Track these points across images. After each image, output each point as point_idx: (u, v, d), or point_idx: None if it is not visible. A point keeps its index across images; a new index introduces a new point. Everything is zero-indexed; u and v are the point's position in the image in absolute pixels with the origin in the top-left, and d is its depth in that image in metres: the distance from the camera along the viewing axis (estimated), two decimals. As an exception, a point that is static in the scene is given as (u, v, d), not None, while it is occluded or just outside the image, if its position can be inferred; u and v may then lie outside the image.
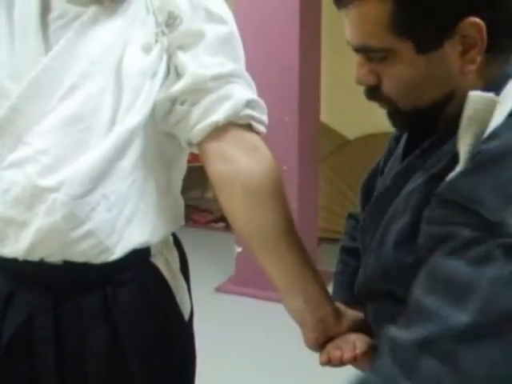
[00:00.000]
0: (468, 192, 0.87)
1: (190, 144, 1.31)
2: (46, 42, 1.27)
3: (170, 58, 1.29)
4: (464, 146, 0.93)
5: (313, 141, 4.09)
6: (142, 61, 1.27)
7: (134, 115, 1.26)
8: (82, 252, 1.26)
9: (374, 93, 1.08)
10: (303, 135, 3.90)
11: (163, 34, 1.29)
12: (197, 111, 1.26)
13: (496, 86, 0.99)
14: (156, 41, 1.28)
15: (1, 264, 1.32)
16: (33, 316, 1.30)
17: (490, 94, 0.93)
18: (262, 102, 1.31)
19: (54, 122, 1.24)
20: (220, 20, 1.32)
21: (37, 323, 1.30)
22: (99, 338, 1.31)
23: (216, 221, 5.49)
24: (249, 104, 1.28)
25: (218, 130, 1.26)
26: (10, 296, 1.32)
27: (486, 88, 0.98)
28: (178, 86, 1.27)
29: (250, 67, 1.35)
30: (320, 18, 4.02)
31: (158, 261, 1.38)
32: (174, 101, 1.28)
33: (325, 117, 4.58)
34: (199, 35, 1.28)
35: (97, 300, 1.31)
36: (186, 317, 1.44)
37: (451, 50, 1.00)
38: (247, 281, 3.97)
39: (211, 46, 1.29)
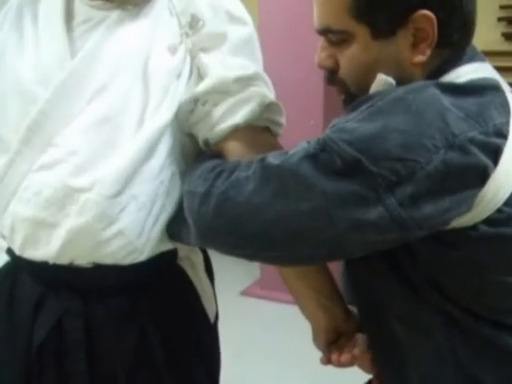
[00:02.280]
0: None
1: (206, 144, 1.31)
2: (72, 46, 1.28)
3: (192, 59, 1.30)
4: None
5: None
6: (169, 61, 1.28)
7: (163, 114, 1.26)
8: (112, 253, 1.26)
9: (332, 77, 1.16)
10: (328, 139, 3.89)
11: (187, 35, 1.30)
12: (217, 112, 1.27)
13: (435, 75, 1.08)
14: (180, 42, 1.30)
15: (31, 268, 1.32)
16: (62, 319, 1.30)
17: (390, 78, 1.06)
18: (280, 105, 1.32)
19: (83, 124, 1.24)
20: (241, 21, 1.34)
21: (67, 326, 1.30)
22: (128, 341, 1.32)
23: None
24: (268, 107, 1.29)
25: (237, 131, 1.27)
26: (39, 300, 1.32)
27: (425, 77, 1.08)
28: (202, 87, 1.27)
29: (275, 71, 1.35)
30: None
31: (185, 264, 1.39)
32: (196, 101, 1.28)
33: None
34: (222, 37, 1.30)
35: (125, 302, 1.31)
36: (212, 319, 1.45)
37: (403, 39, 1.06)
38: (273, 284, 3.97)
39: (233, 48, 1.31)
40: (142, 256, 1.29)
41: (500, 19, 4.11)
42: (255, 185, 1.05)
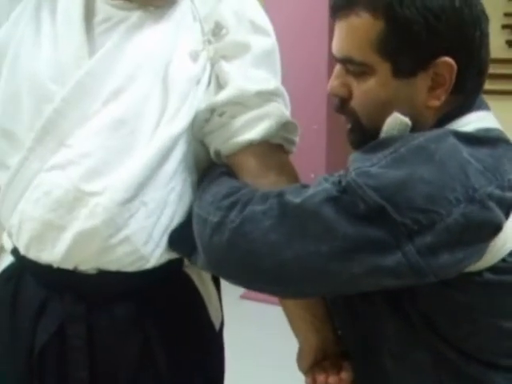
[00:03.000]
0: (351, 158, 1.09)
1: (217, 155, 1.29)
2: (91, 45, 1.25)
3: (212, 66, 1.29)
4: None
5: (341, 148, 4.08)
6: (190, 68, 1.26)
7: (180, 121, 1.24)
8: (117, 259, 1.25)
9: (342, 105, 1.16)
10: (331, 143, 3.90)
11: (209, 42, 1.28)
12: (234, 126, 1.26)
13: (445, 120, 1.11)
14: (203, 49, 1.28)
15: (35, 270, 1.30)
16: (65, 324, 1.28)
17: (406, 119, 1.08)
18: (296, 124, 1.32)
19: (97, 126, 1.22)
20: (265, 32, 1.32)
21: (69, 331, 1.28)
22: (131, 348, 1.30)
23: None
24: (285, 126, 1.28)
25: (251, 147, 1.26)
26: (42, 304, 1.30)
27: (436, 121, 1.11)
28: (222, 97, 1.26)
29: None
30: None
31: (191, 271, 1.37)
32: (213, 110, 1.27)
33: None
34: (245, 47, 1.28)
35: (130, 309, 1.29)
36: (217, 327, 1.44)
37: (422, 82, 1.09)
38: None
39: (256, 59, 1.29)
40: (148, 264, 1.28)
41: (504, 26, 4.10)
42: (272, 222, 1.06)
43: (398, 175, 0.99)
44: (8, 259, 1.37)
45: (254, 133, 1.25)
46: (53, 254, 1.24)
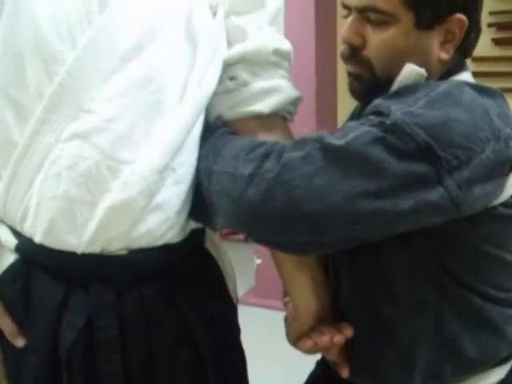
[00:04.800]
0: (377, 103, 1.13)
1: (218, 118, 1.25)
2: None
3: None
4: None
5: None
6: (212, 21, 1.20)
7: (211, 78, 1.19)
8: (148, 232, 1.17)
9: (353, 54, 1.21)
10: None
11: None
12: (244, 94, 1.23)
13: (446, 76, 1.21)
14: (218, 3, 1.22)
15: (53, 262, 1.18)
16: (93, 317, 1.18)
17: (422, 70, 1.15)
18: (301, 97, 1.31)
19: (120, 86, 1.12)
20: None
21: (99, 323, 1.18)
22: (168, 328, 1.24)
23: (235, 232, 5.47)
24: (293, 101, 1.27)
25: (256, 117, 1.24)
26: (64, 299, 1.19)
27: (440, 76, 1.21)
28: (239, 50, 1.21)
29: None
30: (336, 33, 4.04)
31: (209, 246, 1.34)
32: (226, 67, 1.22)
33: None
34: (260, 2, 1.24)
35: (159, 289, 1.23)
36: (236, 303, 1.43)
37: (437, 35, 1.17)
38: (267, 292, 3.97)
39: (270, 16, 1.25)
40: (177, 234, 1.22)
41: (490, 25, 4.12)
42: (316, 167, 1.07)
43: (437, 115, 1.06)
44: (9, 259, 1.24)
45: (264, 105, 1.22)
46: (80, 234, 1.14)
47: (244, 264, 4.63)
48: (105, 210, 1.12)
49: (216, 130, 1.25)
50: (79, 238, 1.15)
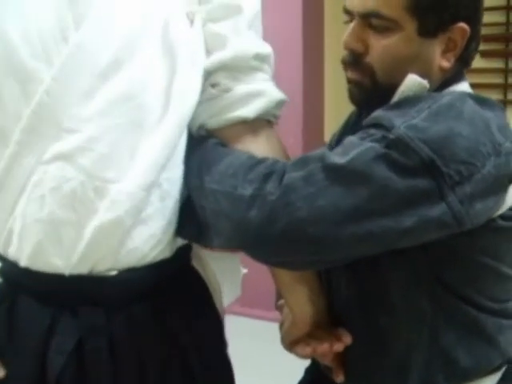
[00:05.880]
0: (378, 115, 1.11)
1: (201, 127, 1.22)
2: (73, 9, 1.09)
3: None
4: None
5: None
6: (189, 30, 1.17)
7: (193, 90, 1.16)
8: (135, 249, 1.15)
9: (355, 60, 1.19)
10: (308, 156, 3.92)
11: (199, 3, 1.20)
12: (227, 100, 1.19)
13: (445, 85, 1.20)
14: (196, 11, 1.19)
15: (39, 286, 1.15)
16: (84, 340, 1.15)
17: (425, 81, 1.14)
18: (285, 100, 1.28)
19: (100, 104, 1.09)
20: None
21: (89, 347, 1.15)
22: (159, 345, 1.21)
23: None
24: (277, 104, 1.25)
25: (240, 123, 1.20)
26: (51, 323, 1.16)
27: (439, 85, 1.20)
28: (219, 57, 1.18)
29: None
30: (323, 43, 4.05)
31: (198, 265, 1.33)
32: (207, 75, 1.19)
33: (329, 138, 4.59)
34: (236, 8, 1.20)
35: (148, 308, 1.20)
36: (222, 321, 1.41)
37: (440, 43, 1.17)
38: (253, 302, 3.96)
39: (249, 21, 1.22)
40: (164, 251, 1.20)
41: (476, 37, 4.16)
42: (318, 187, 1.05)
43: (440, 130, 1.05)
44: None
45: (248, 110, 1.19)
46: (68, 256, 1.12)
47: (230, 273, 4.61)
48: (92, 230, 1.10)
49: (204, 140, 1.22)
50: (66, 260, 1.13)
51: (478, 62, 4.21)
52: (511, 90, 4.21)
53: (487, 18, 4.24)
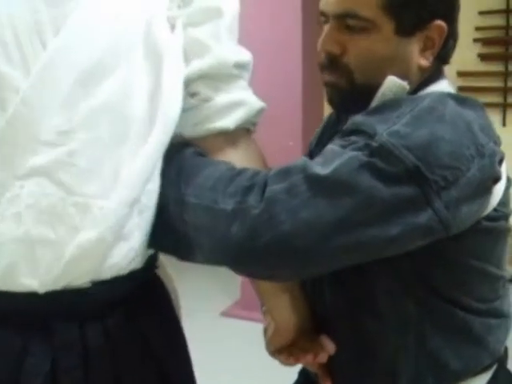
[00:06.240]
0: (359, 121, 1.09)
1: (179, 136, 1.17)
2: (50, 12, 1.02)
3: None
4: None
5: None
6: (171, 35, 1.12)
7: (178, 97, 1.11)
8: (114, 265, 1.09)
9: (332, 62, 1.17)
10: (307, 159, 3.92)
11: (179, 7, 1.15)
12: (207, 110, 1.16)
13: (423, 85, 1.18)
14: (176, 15, 1.14)
15: (10, 307, 1.06)
16: (58, 358, 1.08)
17: (404, 82, 1.13)
18: (265, 108, 1.24)
19: (81, 114, 1.02)
20: None
21: (64, 364, 1.08)
22: (134, 358, 1.17)
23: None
24: (258, 113, 1.22)
25: (220, 133, 1.17)
26: (23, 347, 1.07)
27: (418, 85, 1.18)
28: (200, 65, 1.14)
29: (255, 92, 1.35)
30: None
31: (160, 272, 1.30)
32: (186, 84, 1.14)
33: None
34: (217, 12, 1.16)
35: (123, 320, 1.15)
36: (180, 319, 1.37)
37: (417, 42, 1.15)
38: (253, 305, 3.95)
39: (228, 26, 1.17)
40: (140, 262, 1.15)
41: (475, 40, 4.16)
42: (302, 199, 1.02)
43: (422, 135, 1.03)
44: None
45: (229, 121, 1.16)
46: (43, 276, 1.04)
47: (229, 276, 4.62)
48: (73, 249, 1.03)
49: (181, 149, 1.18)
50: (41, 280, 1.04)
51: (477, 66, 4.25)
52: (511, 93, 4.22)
53: (487, 21, 4.27)
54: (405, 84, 1.13)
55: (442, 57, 1.20)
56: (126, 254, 1.10)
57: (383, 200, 1.01)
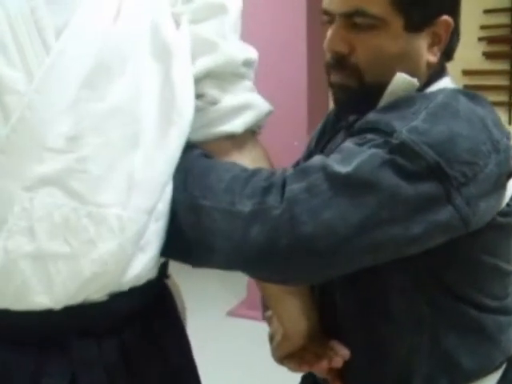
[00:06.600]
0: (374, 119, 1.08)
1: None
2: (53, 18, 0.97)
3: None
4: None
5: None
6: (177, 33, 1.08)
7: (191, 96, 1.07)
8: (135, 277, 1.05)
9: (340, 62, 1.16)
10: (313, 159, 3.92)
11: (183, 2, 1.11)
12: (213, 113, 1.12)
13: (430, 81, 1.18)
14: (181, 12, 1.10)
15: (21, 329, 1.01)
16: (78, 375, 1.03)
17: (414, 79, 1.12)
18: (272, 110, 1.21)
19: (90, 118, 0.97)
20: None
21: (84, 381, 1.04)
22: (152, 369, 1.14)
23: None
24: (265, 116, 1.20)
25: (227, 137, 1.14)
26: (38, 368, 1.02)
27: (428, 79, 1.18)
28: (207, 63, 1.10)
29: (258, 91, 1.34)
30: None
31: (168, 281, 1.27)
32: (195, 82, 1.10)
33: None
34: (221, 8, 1.13)
35: (140, 332, 1.12)
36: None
37: (426, 38, 1.15)
38: (259, 304, 3.95)
39: (233, 23, 1.14)
40: (155, 272, 1.12)
41: (480, 39, 4.15)
42: (323, 198, 1.01)
43: (441, 131, 1.03)
44: None
45: (237, 125, 1.13)
46: (57, 292, 0.98)
47: (235, 276, 4.62)
48: (91, 262, 0.98)
49: (186, 151, 1.12)
50: (56, 297, 0.99)
51: (482, 64, 4.24)
52: (516, 91, 4.21)
53: (492, 19, 4.26)
54: (414, 81, 1.13)
55: (447, 52, 1.20)
56: (146, 264, 1.07)
57: (407, 198, 1.01)
